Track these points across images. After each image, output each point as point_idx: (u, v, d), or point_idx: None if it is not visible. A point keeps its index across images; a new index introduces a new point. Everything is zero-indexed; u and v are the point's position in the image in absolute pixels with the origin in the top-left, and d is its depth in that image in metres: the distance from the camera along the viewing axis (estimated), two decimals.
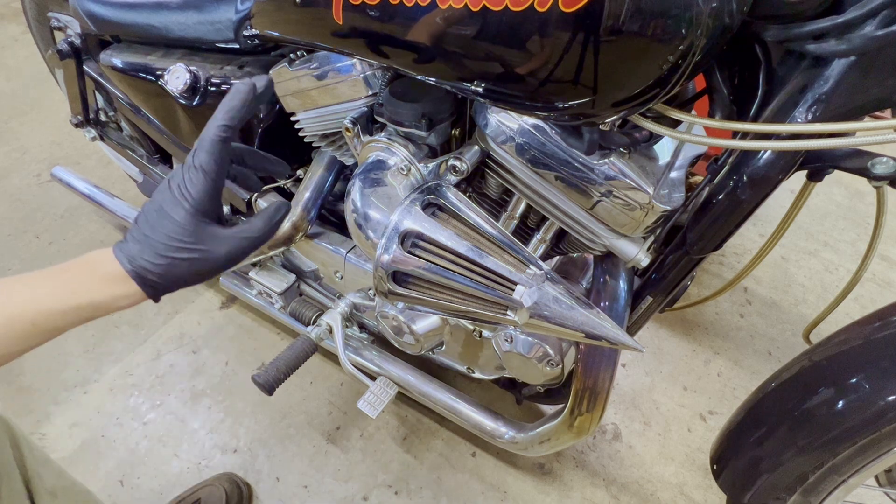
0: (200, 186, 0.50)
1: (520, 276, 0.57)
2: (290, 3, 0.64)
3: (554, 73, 0.49)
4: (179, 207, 0.50)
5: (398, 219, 0.62)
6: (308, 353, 0.87)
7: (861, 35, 0.44)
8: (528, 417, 1.07)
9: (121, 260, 0.50)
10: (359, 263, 0.94)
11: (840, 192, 1.83)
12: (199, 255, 0.51)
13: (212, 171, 0.50)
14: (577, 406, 0.81)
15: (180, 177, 0.50)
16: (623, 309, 0.74)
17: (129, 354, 1.26)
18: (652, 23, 0.43)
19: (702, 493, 1.06)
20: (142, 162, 1.27)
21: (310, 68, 0.74)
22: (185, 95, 0.86)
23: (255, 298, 1.19)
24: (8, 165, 1.77)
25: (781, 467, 0.68)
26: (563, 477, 1.08)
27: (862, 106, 0.48)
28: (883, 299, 1.49)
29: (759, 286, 1.51)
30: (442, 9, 0.50)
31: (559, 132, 0.61)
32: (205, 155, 0.50)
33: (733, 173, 0.57)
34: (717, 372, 1.29)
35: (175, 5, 0.89)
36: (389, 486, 1.06)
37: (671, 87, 0.48)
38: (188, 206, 0.50)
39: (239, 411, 1.17)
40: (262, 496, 1.04)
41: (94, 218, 1.59)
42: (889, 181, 0.54)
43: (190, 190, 0.50)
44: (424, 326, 0.83)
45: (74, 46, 1.08)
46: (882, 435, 0.60)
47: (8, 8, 2.60)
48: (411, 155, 0.69)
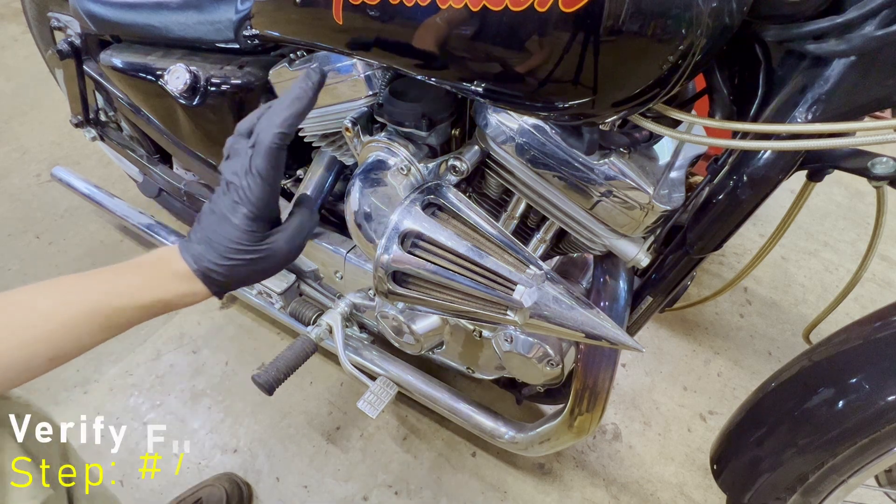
0: (259, 192, 0.51)
1: (520, 276, 0.57)
2: (290, 3, 0.64)
3: (554, 73, 0.49)
4: (238, 213, 0.51)
5: (398, 219, 0.62)
6: (308, 353, 0.87)
7: (861, 35, 0.43)
8: (528, 417, 1.07)
9: (187, 260, 0.52)
10: (359, 263, 0.94)
11: (840, 192, 1.83)
12: (260, 256, 0.53)
13: (269, 177, 0.52)
14: (577, 406, 0.81)
15: (239, 181, 0.51)
16: (623, 309, 0.74)
17: (129, 354, 1.26)
18: (652, 23, 0.43)
19: (702, 493, 1.06)
20: (142, 162, 1.27)
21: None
22: (185, 95, 0.86)
23: (255, 298, 1.19)
24: (8, 165, 1.77)
25: (781, 467, 0.68)
26: (563, 477, 1.08)
27: (862, 106, 0.48)
28: (883, 299, 1.49)
29: (759, 286, 1.51)
30: (442, 9, 0.50)
31: (559, 132, 0.61)
32: (262, 161, 0.51)
33: (733, 173, 0.57)
34: (717, 372, 1.29)
35: (175, 5, 0.89)
36: (389, 486, 1.06)
37: (671, 87, 0.48)
38: (247, 210, 0.51)
39: (239, 411, 1.16)
40: (262, 496, 1.04)
41: (94, 218, 1.59)
42: (889, 181, 0.54)
43: (249, 196, 0.51)
44: (424, 326, 0.83)
45: (74, 46, 1.08)
46: (882, 435, 0.60)
47: (8, 8, 2.60)
48: (411, 155, 0.69)
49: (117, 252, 1.51)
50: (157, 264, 0.52)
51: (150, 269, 0.52)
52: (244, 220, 0.51)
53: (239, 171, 0.51)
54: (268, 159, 0.51)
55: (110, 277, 0.50)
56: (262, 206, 0.52)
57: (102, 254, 1.50)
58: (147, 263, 0.53)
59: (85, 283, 0.49)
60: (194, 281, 0.52)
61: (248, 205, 0.51)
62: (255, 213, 0.51)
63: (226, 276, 0.52)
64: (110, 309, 0.49)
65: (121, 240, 1.55)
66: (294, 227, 0.55)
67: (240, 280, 0.54)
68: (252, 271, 0.53)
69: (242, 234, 0.51)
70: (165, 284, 0.51)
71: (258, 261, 0.53)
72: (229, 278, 0.53)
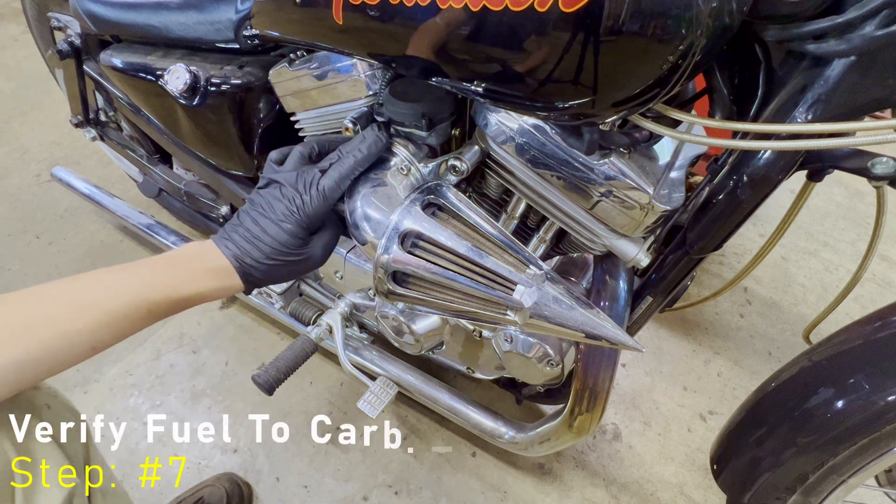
0: (318, 208, 0.58)
1: (520, 276, 0.57)
2: (290, 3, 0.64)
3: (554, 73, 0.49)
4: (292, 221, 0.57)
5: (398, 219, 0.62)
6: (308, 353, 0.87)
7: (861, 35, 0.43)
8: (528, 417, 1.07)
9: (228, 257, 0.56)
10: (359, 263, 0.94)
11: (840, 192, 1.83)
12: (300, 259, 0.59)
13: (331, 199, 0.59)
14: (577, 406, 0.81)
15: (302, 195, 0.58)
16: (623, 309, 0.74)
17: (129, 354, 1.26)
18: (652, 23, 0.43)
19: (702, 493, 1.06)
20: (142, 162, 1.27)
21: (310, 68, 0.74)
22: (185, 95, 0.86)
23: (255, 298, 1.19)
24: (8, 165, 1.77)
25: (781, 467, 0.68)
26: (563, 477, 1.08)
27: (862, 106, 0.48)
28: (883, 299, 1.49)
29: (759, 286, 1.51)
30: (442, 9, 0.50)
31: (559, 132, 0.61)
32: (332, 184, 0.59)
33: (733, 173, 0.57)
34: (717, 372, 1.29)
35: (175, 5, 0.89)
36: (389, 486, 1.06)
37: (671, 87, 0.48)
38: (301, 220, 0.57)
39: (239, 411, 1.16)
40: (262, 496, 1.04)
41: (94, 218, 1.59)
42: (889, 181, 0.54)
43: (307, 210, 0.57)
44: (424, 326, 0.83)
45: (74, 46, 1.08)
46: (882, 435, 0.60)
47: (8, 8, 2.60)
48: (411, 155, 0.69)
49: (117, 252, 1.51)
50: (193, 260, 0.56)
51: (187, 264, 0.55)
52: (297, 228, 0.57)
53: (304, 185, 0.58)
54: (338, 183, 0.59)
55: (148, 272, 0.53)
56: (316, 219, 0.58)
57: (102, 254, 1.50)
58: (183, 259, 0.56)
59: (124, 278, 0.52)
60: (232, 276, 0.56)
61: (303, 216, 0.57)
62: (308, 224, 0.58)
63: (264, 274, 0.57)
64: (149, 302, 0.51)
65: (121, 240, 1.55)
66: (329, 236, 0.62)
67: (274, 278, 0.59)
68: (288, 272, 0.59)
69: (291, 238, 0.57)
70: (202, 279, 0.55)
71: (296, 263, 0.58)
72: (266, 276, 0.58)
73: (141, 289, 0.51)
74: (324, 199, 0.58)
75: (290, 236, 0.57)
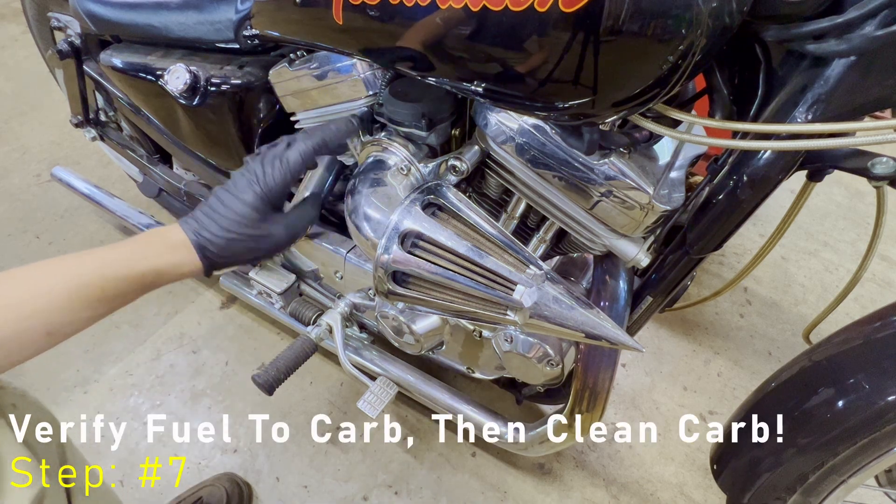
0: (277, 178, 0.56)
1: (520, 276, 0.57)
2: (290, 3, 0.64)
3: (554, 73, 0.49)
4: (250, 191, 0.56)
5: (398, 219, 0.62)
6: (308, 353, 0.87)
7: (861, 35, 0.44)
8: (528, 417, 1.07)
9: (185, 230, 0.55)
10: (359, 263, 0.94)
11: (840, 192, 1.83)
12: (259, 234, 0.57)
13: (293, 170, 0.57)
14: (577, 406, 0.81)
15: (257, 165, 0.57)
16: (623, 309, 0.74)
17: (129, 354, 1.26)
18: (652, 23, 0.43)
19: (702, 493, 1.06)
20: (142, 162, 1.27)
21: (310, 68, 0.74)
22: (185, 95, 0.86)
23: (255, 298, 1.19)
24: (8, 165, 1.77)
25: (781, 467, 0.68)
26: (563, 477, 1.08)
27: (862, 106, 0.48)
28: (883, 299, 1.49)
29: (759, 286, 1.50)
30: (442, 9, 0.50)
31: (559, 132, 0.61)
32: (295, 156, 0.57)
33: (733, 173, 0.57)
34: (717, 372, 1.29)
35: (175, 5, 0.89)
36: (389, 486, 1.06)
37: (671, 87, 0.48)
38: (260, 190, 0.56)
39: (239, 411, 1.16)
40: (262, 496, 1.04)
41: (94, 218, 1.59)
42: (889, 181, 0.54)
43: (266, 179, 0.56)
44: (424, 326, 0.83)
45: (74, 46, 1.08)
46: (882, 435, 0.60)
47: (8, 8, 2.60)
48: (411, 155, 0.69)
49: None
50: (152, 236, 0.55)
51: (145, 240, 0.55)
52: (254, 199, 0.55)
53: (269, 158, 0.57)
54: (301, 155, 0.57)
55: (105, 251, 0.53)
56: (275, 192, 0.56)
57: None
58: (143, 236, 0.55)
59: (80, 258, 0.51)
60: (189, 251, 0.55)
61: (262, 185, 0.55)
62: (266, 195, 0.56)
63: (220, 249, 0.55)
64: (103, 280, 0.50)
65: (121, 240, 1.54)
66: (295, 216, 0.60)
67: (233, 256, 0.57)
68: (246, 248, 0.57)
69: (249, 210, 0.55)
70: (159, 254, 0.54)
71: (255, 239, 0.56)
72: (224, 251, 0.56)
73: (97, 268, 0.50)
74: (286, 171, 0.56)
75: (247, 207, 0.55)
